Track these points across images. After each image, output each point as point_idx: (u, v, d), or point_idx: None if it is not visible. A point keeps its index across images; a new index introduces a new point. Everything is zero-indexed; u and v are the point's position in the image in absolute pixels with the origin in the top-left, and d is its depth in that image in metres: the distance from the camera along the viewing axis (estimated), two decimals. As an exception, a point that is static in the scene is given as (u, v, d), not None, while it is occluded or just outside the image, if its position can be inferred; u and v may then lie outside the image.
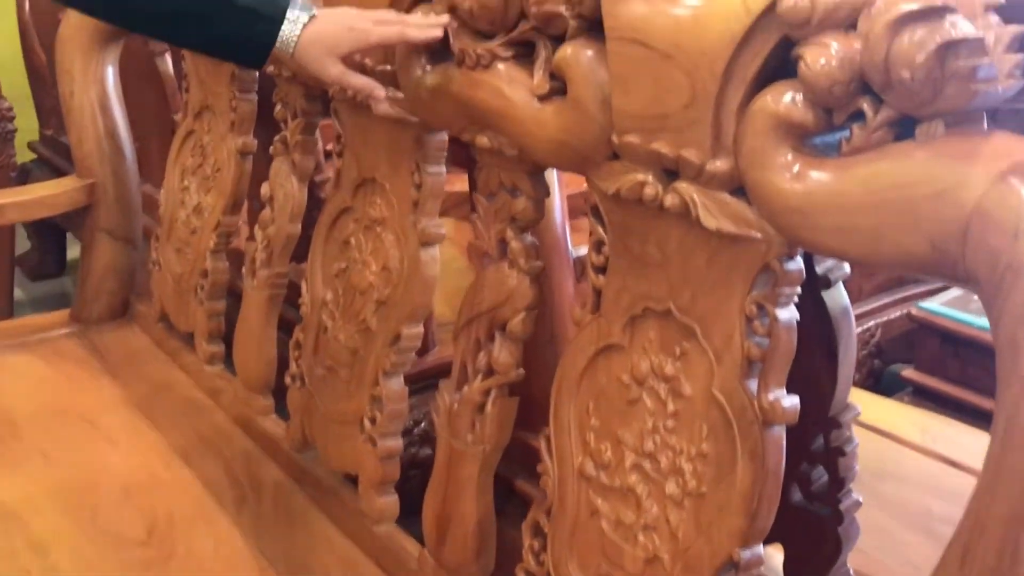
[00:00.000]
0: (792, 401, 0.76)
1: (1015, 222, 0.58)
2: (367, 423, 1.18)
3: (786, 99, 0.69)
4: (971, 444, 1.48)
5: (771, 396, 0.76)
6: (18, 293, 2.71)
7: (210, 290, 1.55)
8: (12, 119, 2.49)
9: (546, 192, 1.01)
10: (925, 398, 1.92)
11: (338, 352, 1.24)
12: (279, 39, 1.00)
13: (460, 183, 1.36)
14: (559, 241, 1.33)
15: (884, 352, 2.19)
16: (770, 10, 0.70)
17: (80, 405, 1.49)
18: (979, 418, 1.68)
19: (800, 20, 0.67)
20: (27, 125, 2.74)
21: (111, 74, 1.77)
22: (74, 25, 1.76)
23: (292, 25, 1.00)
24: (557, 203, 1.29)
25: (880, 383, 2.19)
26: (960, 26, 0.60)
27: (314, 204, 1.49)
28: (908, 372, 1.97)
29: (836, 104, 0.67)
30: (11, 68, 2.75)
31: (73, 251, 2.81)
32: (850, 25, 0.68)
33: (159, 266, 1.70)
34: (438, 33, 0.99)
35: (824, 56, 0.66)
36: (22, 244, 2.82)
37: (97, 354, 1.66)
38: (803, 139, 0.70)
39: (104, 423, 1.45)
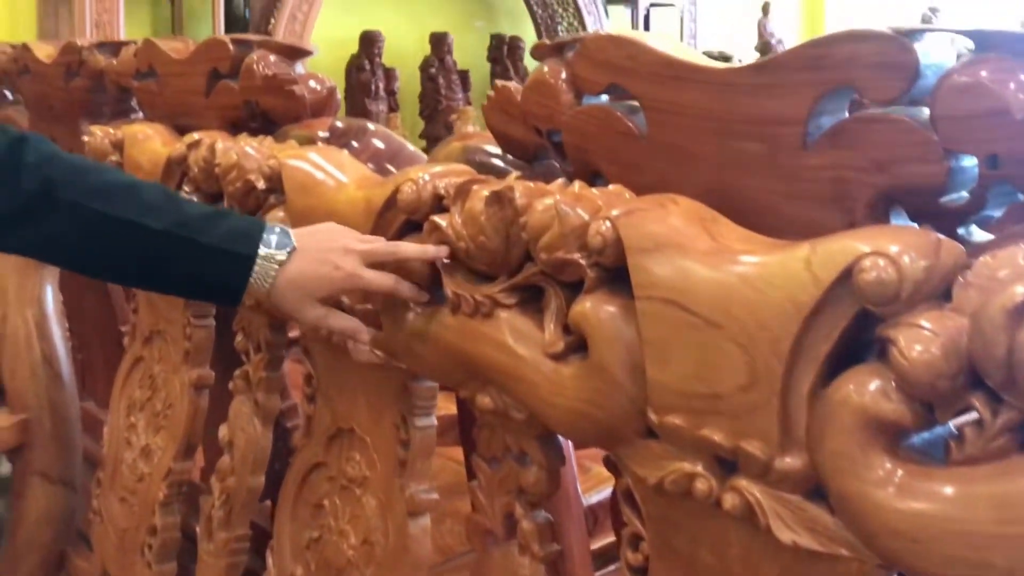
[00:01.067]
0: None
1: None
2: None
3: (873, 389, 0.59)
4: None
5: None
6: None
7: (159, 551, 1.40)
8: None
9: (562, 460, 0.90)
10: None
11: (310, 646, 1.09)
12: (252, 279, 0.93)
13: (447, 405, 1.25)
14: (568, 488, 1.20)
15: None
16: (844, 279, 0.61)
17: None
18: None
19: (886, 298, 0.58)
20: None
21: (50, 292, 1.69)
22: (10, 238, 1.68)
23: (266, 264, 0.93)
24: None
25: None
26: (1101, 314, 0.51)
27: (280, 434, 1.39)
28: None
29: (939, 401, 0.57)
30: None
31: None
32: (943, 294, 0.59)
33: (101, 517, 1.56)
34: (425, 298, 0.91)
35: (922, 343, 0.57)
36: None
37: (21, 626, 1.50)
38: (898, 438, 0.60)
39: None
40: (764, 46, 5.18)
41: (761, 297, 0.65)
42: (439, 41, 4.36)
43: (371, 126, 1.29)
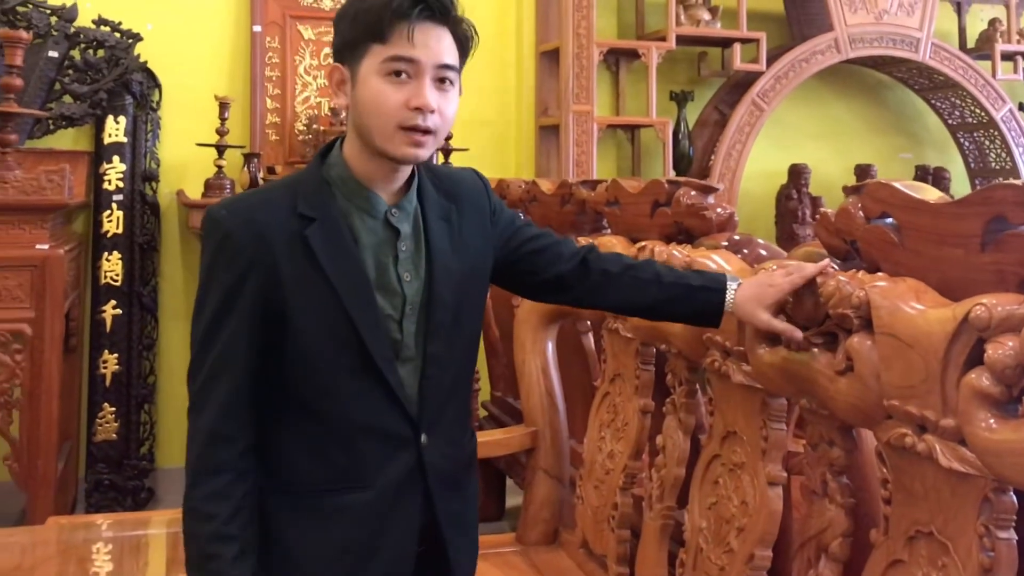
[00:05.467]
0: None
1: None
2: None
3: (976, 376, 1.09)
4: None
5: (1001, 598, 1.09)
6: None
7: (619, 520, 2.08)
8: (476, 380, 3.36)
9: (854, 445, 1.42)
10: None
11: (709, 569, 1.69)
12: (726, 303, 1.52)
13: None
14: (866, 461, 1.62)
15: None
16: (967, 317, 1.12)
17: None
18: None
19: (982, 325, 1.09)
20: (481, 388, 3.63)
21: (551, 347, 2.48)
22: (527, 310, 2.51)
23: (731, 292, 1.51)
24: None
25: None
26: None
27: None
28: None
29: (1010, 382, 1.06)
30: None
31: (511, 499, 3.52)
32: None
33: (582, 500, 2.29)
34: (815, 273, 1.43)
35: (1001, 349, 1.06)
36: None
37: (536, 571, 2.25)
38: (998, 406, 1.09)
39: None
40: None
41: (931, 329, 1.17)
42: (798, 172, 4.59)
43: (759, 240, 1.90)
